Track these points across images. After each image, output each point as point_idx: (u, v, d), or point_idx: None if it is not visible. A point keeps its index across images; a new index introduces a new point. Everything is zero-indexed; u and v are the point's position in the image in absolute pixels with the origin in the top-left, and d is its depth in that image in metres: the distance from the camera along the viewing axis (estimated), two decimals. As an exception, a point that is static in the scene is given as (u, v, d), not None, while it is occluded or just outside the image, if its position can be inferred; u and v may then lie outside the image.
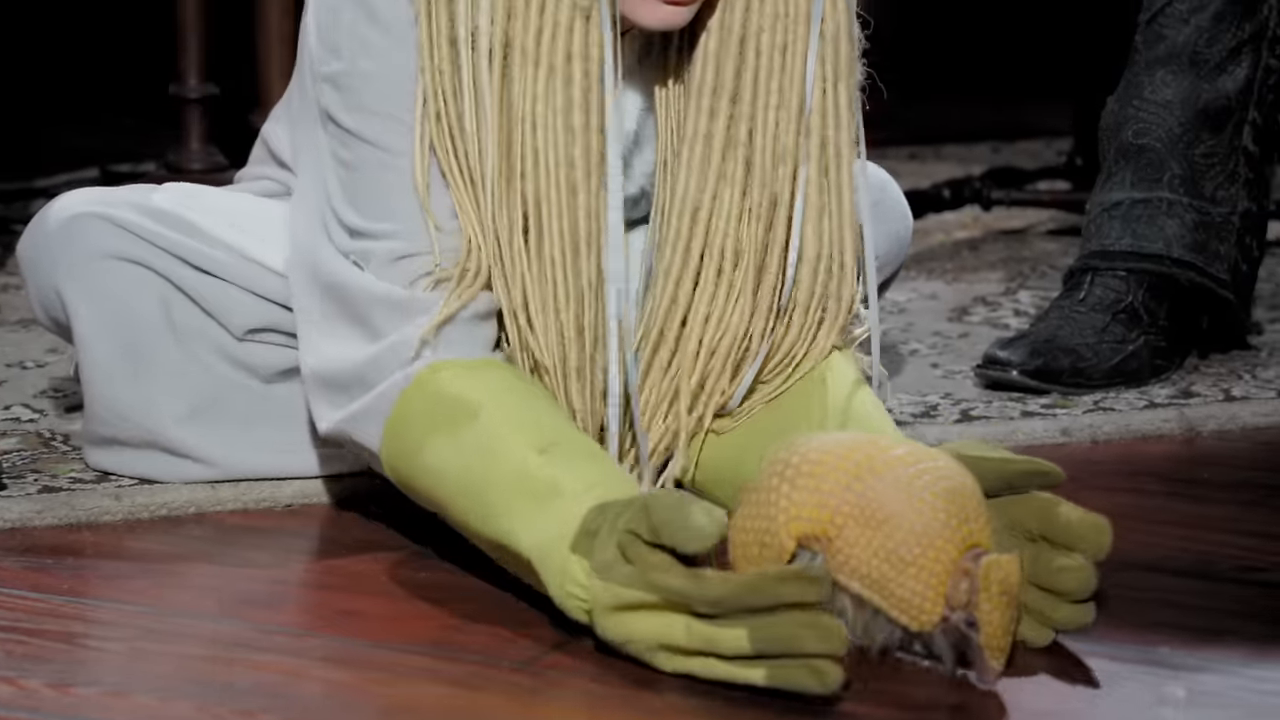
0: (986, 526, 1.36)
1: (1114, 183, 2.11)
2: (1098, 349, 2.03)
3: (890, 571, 1.33)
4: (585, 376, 1.55)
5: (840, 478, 1.35)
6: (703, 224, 1.56)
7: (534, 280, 1.53)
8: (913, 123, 3.43)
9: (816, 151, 1.57)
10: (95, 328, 1.67)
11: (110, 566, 1.59)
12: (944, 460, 1.38)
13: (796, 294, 1.58)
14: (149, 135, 3.03)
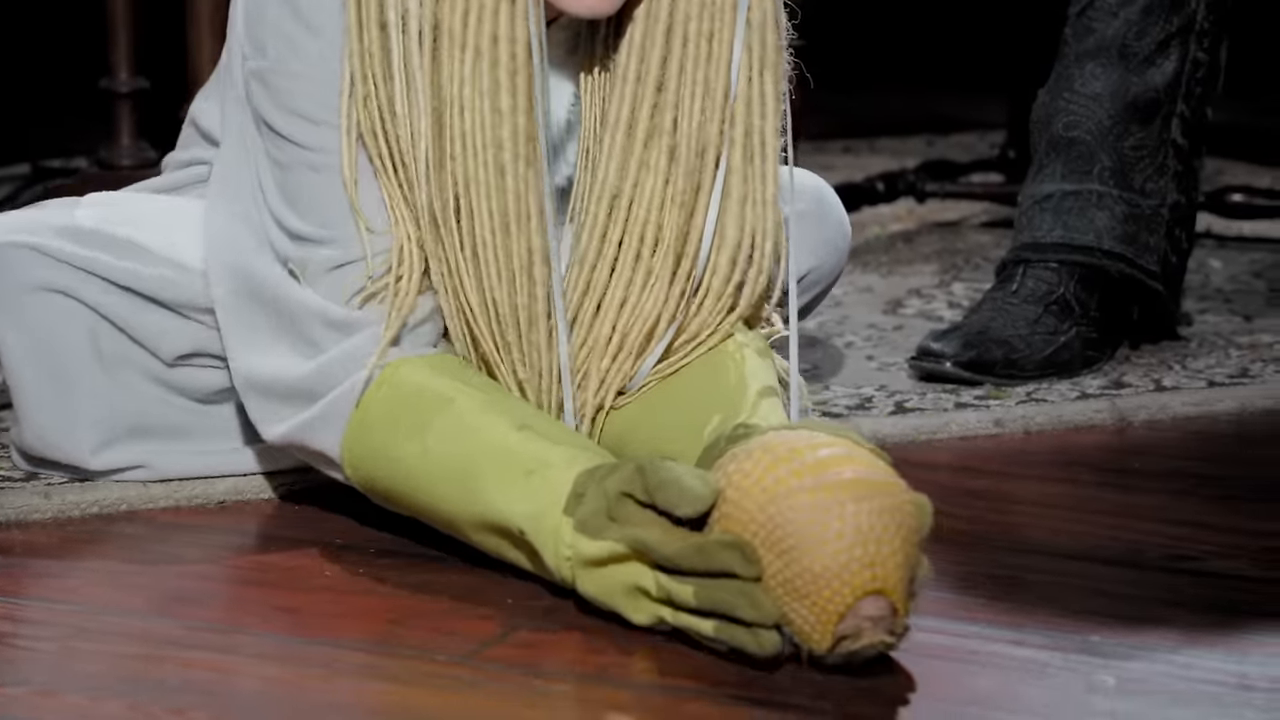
0: (895, 566, 1.35)
1: (1045, 175, 2.12)
2: (1030, 340, 2.04)
3: (787, 598, 1.36)
4: (523, 354, 1.56)
5: (759, 497, 1.37)
6: (622, 210, 1.57)
7: (468, 260, 1.54)
8: (847, 115, 3.44)
9: (740, 139, 1.58)
10: (23, 358, 1.66)
11: (40, 565, 1.57)
12: (878, 477, 1.37)
13: (712, 280, 1.59)
14: (80, 130, 3.00)
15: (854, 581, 1.34)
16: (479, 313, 1.55)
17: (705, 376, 1.59)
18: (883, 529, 1.35)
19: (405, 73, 1.53)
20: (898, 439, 1.88)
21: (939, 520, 1.40)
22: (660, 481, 1.39)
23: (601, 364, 1.59)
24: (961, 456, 1.85)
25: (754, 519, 1.37)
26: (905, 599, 1.36)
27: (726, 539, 1.36)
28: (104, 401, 1.68)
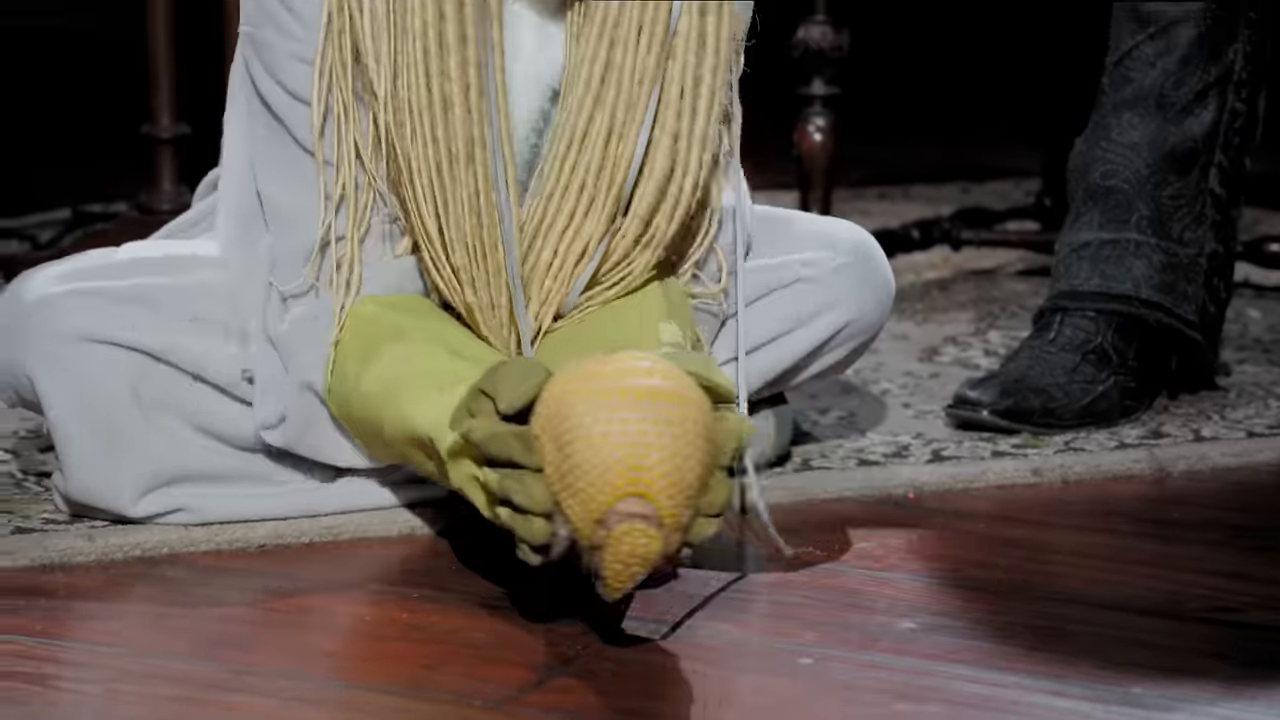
0: (661, 474, 1.41)
1: (1082, 223, 2.13)
2: (1068, 389, 2.05)
3: (562, 491, 1.44)
4: (472, 279, 1.64)
5: (555, 392, 1.45)
6: (576, 144, 1.65)
7: (424, 187, 1.63)
8: (882, 163, 3.45)
9: (677, 75, 1.67)
10: (65, 410, 1.68)
11: (84, 607, 1.58)
12: (680, 393, 1.43)
13: (637, 207, 1.67)
14: (120, 175, 3.02)
15: (615, 481, 1.40)
16: (434, 238, 1.64)
17: (613, 324, 1.66)
18: (656, 436, 1.41)
19: (372, 4, 1.62)
20: (935, 487, 1.88)
21: (977, 570, 1.40)
22: (496, 378, 1.48)
23: (543, 285, 1.67)
24: (999, 505, 1.85)
25: (543, 413, 1.45)
26: (675, 509, 1.41)
27: (515, 429, 1.45)
28: (146, 452, 1.69)
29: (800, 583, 1.64)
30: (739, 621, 1.56)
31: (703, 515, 1.47)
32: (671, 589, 1.60)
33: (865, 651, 1.51)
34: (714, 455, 1.46)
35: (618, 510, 1.41)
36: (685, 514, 1.43)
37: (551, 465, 1.44)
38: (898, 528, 1.78)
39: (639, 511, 1.41)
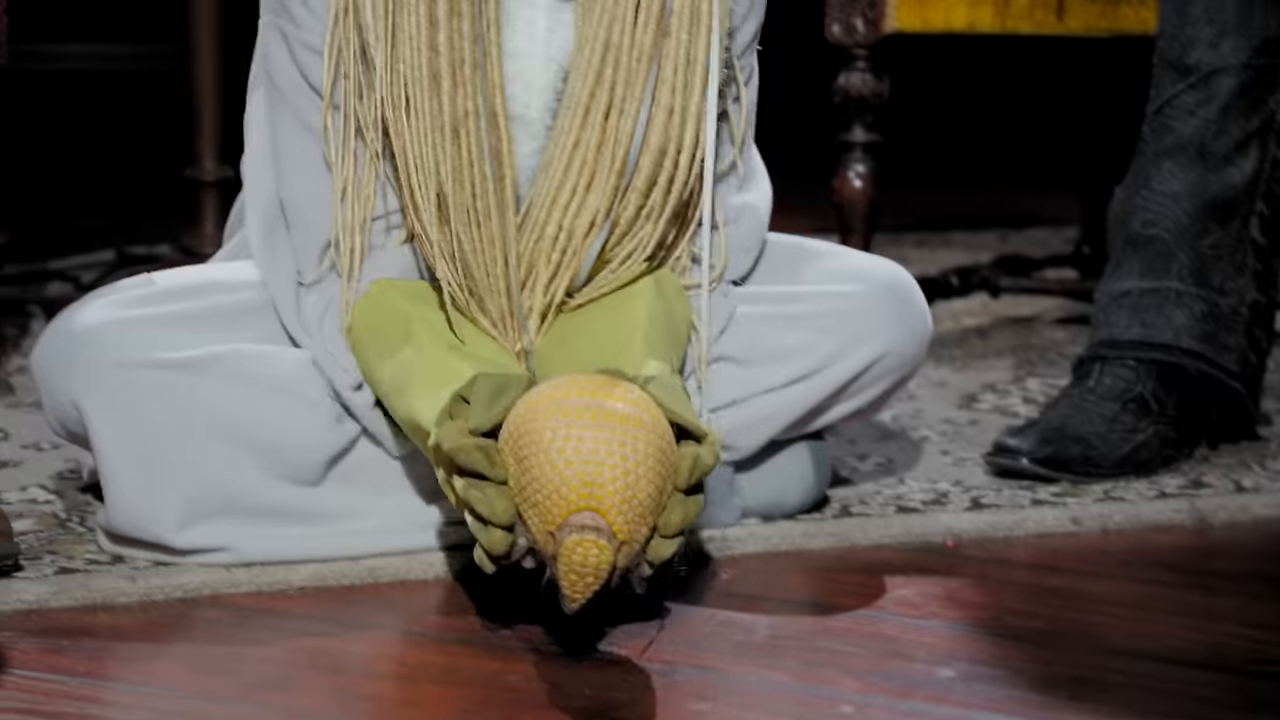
0: (614, 491, 1.47)
1: (1122, 272, 2.13)
2: (1108, 438, 2.04)
3: (522, 504, 1.50)
4: (476, 251, 1.69)
5: (521, 409, 1.51)
6: (579, 121, 1.70)
7: (418, 158, 1.68)
8: (921, 210, 3.45)
9: (673, 51, 1.71)
10: (112, 437, 1.69)
11: (126, 648, 1.59)
12: (640, 416, 1.49)
13: (637, 180, 1.72)
14: (163, 217, 3.05)
15: (570, 496, 1.46)
16: (424, 211, 1.68)
17: (608, 321, 1.71)
18: (607, 455, 1.47)
19: None
20: (974, 535, 1.88)
21: (1017, 619, 1.40)
22: (474, 390, 1.56)
23: (549, 258, 1.71)
24: (1039, 554, 1.84)
25: (509, 429, 1.52)
26: (627, 524, 1.46)
27: (480, 442, 1.52)
28: (191, 479, 1.70)
29: (840, 629, 1.64)
30: (779, 668, 1.56)
31: (661, 536, 1.53)
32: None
33: (905, 700, 1.50)
34: (669, 477, 1.51)
35: (570, 523, 1.47)
36: (639, 530, 1.49)
37: (513, 478, 1.51)
38: (937, 575, 1.78)
39: (591, 524, 1.47)
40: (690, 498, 1.54)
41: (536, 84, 1.73)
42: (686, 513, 1.53)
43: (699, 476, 1.54)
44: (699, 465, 1.54)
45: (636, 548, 1.49)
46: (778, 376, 1.81)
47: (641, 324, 1.71)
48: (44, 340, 1.74)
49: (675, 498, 1.53)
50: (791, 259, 1.87)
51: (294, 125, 1.74)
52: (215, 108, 2.61)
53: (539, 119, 1.74)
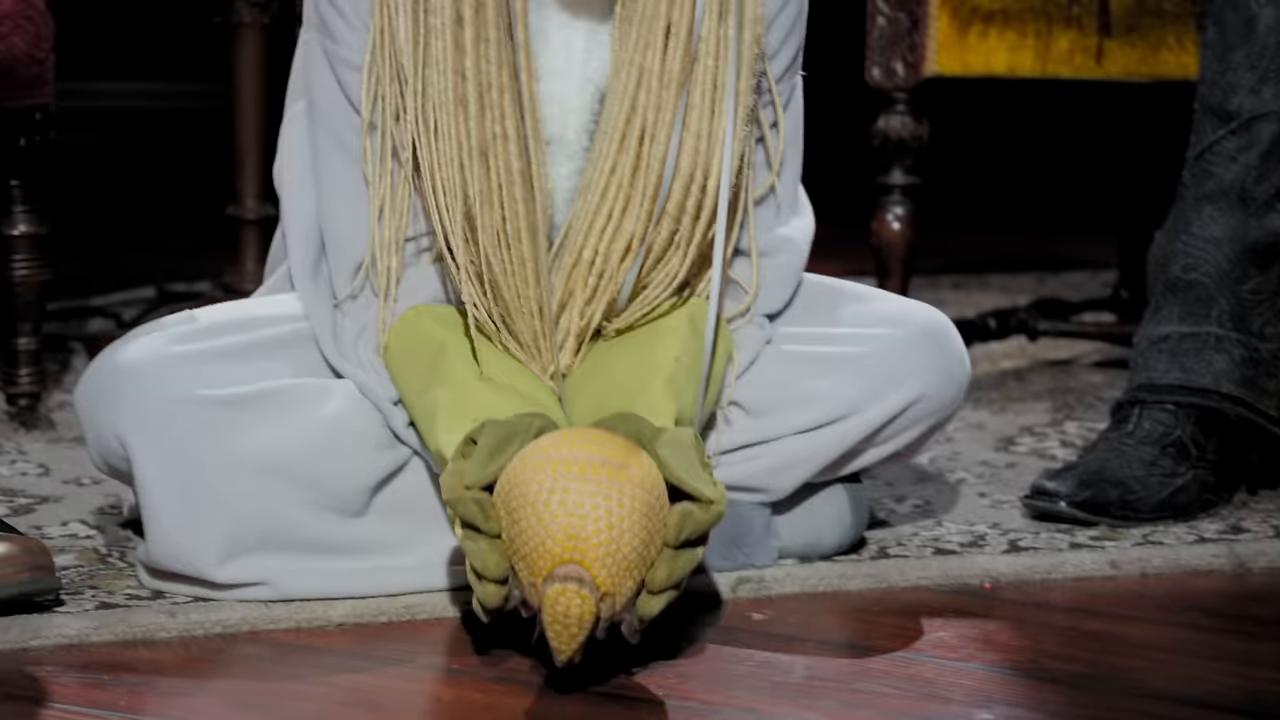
0: (598, 544, 1.49)
1: (1162, 316, 2.12)
2: (1146, 482, 2.04)
3: (512, 555, 1.53)
4: (505, 269, 1.70)
5: (516, 463, 1.54)
6: (614, 147, 1.72)
7: (441, 179, 1.70)
8: (959, 252, 3.45)
9: (700, 77, 1.72)
10: (156, 472, 1.70)
11: (166, 684, 1.60)
12: (632, 472, 1.52)
13: (669, 205, 1.74)
14: (204, 254, 3.07)
15: (554, 549, 1.50)
16: (451, 234, 1.70)
17: (633, 360, 1.72)
18: (592, 508, 1.49)
19: (412, 13, 1.69)
20: (1012, 578, 1.87)
21: (1055, 662, 1.39)
22: (480, 441, 1.58)
23: (586, 282, 1.72)
24: (1077, 597, 1.84)
25: (503, 482, 1.55)
26: (611, 578, 1.49)
27: (476, 496, 1.55)
28: (234, 513, 1.70)
29: (877, 671, 1.64)
30: (816, 709, 1.56)
31: (650, 592, 1.54)
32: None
33: (943, 742, 1.50)
34: (656, 531, 1.53)
35: (554, 575, 1.50)
36: (624, 583, 1.51)
37: (505, 531, 1.54)
38: (974, 617, 1.78)
39: (574, 575, 1.49)
40: (681, 553, 1.55)
41: (573, 104, 1.75)
42: (673, 569, 1.54)
43: (690, 533, 1.55)
44: (690, 521, 1.55)
45: (621, 600, 1.51)
46: (813, 418, 1.81)
47: (665, 367, 1.71)
48: (88, 376, 1.76)
49: (664, 554, 1.54)
50: (829, 301, 1.87)
51: (332, 144, 1.75)
52: (257, 146, 2.63)
53: (576, 140, 1.76)
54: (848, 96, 2.79)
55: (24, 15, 2.19)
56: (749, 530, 1.84)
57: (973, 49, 2.40)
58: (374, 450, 1.74)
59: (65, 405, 2.36)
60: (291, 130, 1.81)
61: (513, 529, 1.52)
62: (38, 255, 2.28)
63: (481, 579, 1.55)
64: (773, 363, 1.82)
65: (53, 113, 2.26)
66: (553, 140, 1.76)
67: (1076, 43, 2.39)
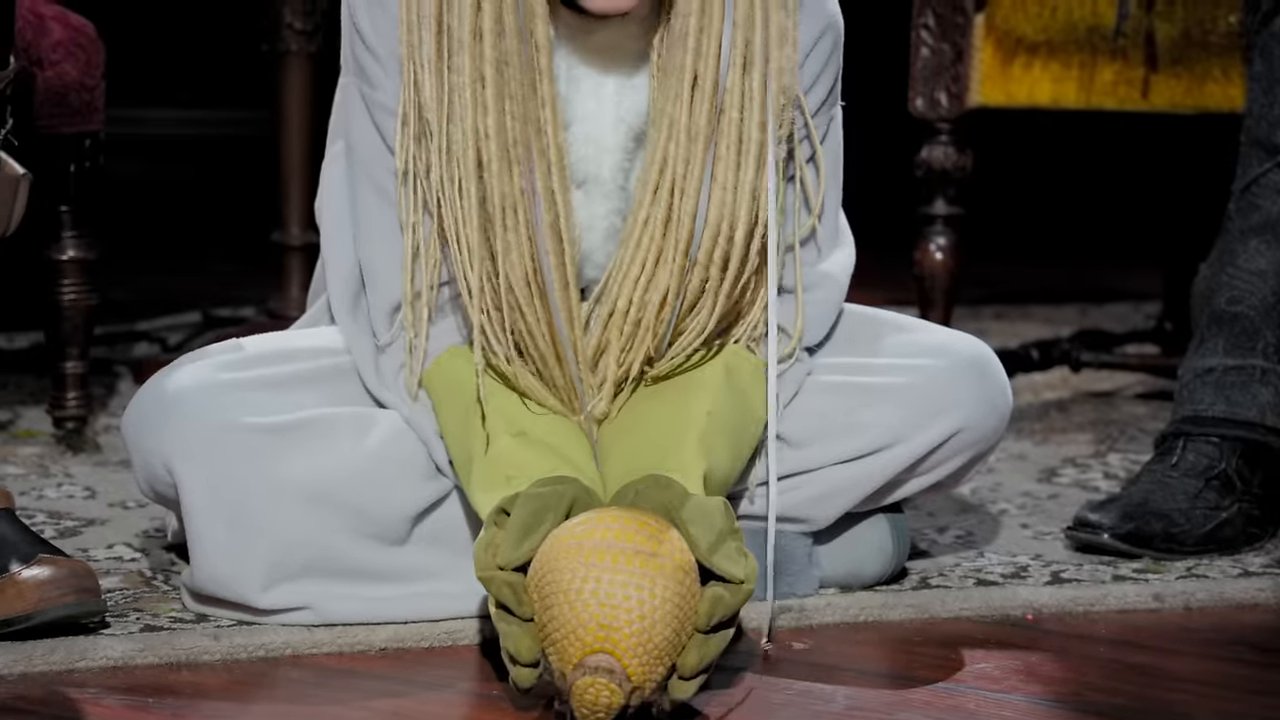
0: (630, 634, 1.49)
1: (1207, 349, 2.12)
2: (1191, 515, 2.03)
3: (544, 641, 1.54)
4: (536, 318, 1.70)
5: (547, 548, 1.55)
6: (649, 198, 1.71)
7: (464, 237, 1.70)
8: (1000, 283, 3.45)
9: (726, 128, 1.70)
10: (202, 499, 1.71)
11: (209, 706, 1.60)
12: (662, 561, 1.52)
13: (701, 256, 1.73)
14: (249, 280, 3.09)
15: (586, 638, 1.50)
16: (472, 291, 1.69)
17: (666, 415, 1.71)
18: (624, 599, 1.50)
19: (436, 70, 1.69)
20: (1054, 609, 1.87)
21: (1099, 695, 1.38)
22: (510, 518, 1.59)
23: (622, 331, 1.72)
24: (1120, 630, 1.83)
25: (535, 566, 1.55)
26: (642, 668, 1.49)
27: (508, 579, 1.56)
28: (279, 540, 1.71)
29: (919, 702, 1.64)
30: (857, 740, 1.56)
31: (680, 678, 1.54)
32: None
33: (985, 774, 1.49)
34: (688, 618, 1.53)
35: (585, 664, 1.50)
36: (654, 671, 1.51)
37: (537, 615, 1.54)
38: (1017, 649, 1.77)
39: (605, 666, 1.50)
40: (711, 637, 1.55)
41: (607, 144, 1.75)
42: (704, 654, 1.54)
43: (721, 617, 1.56)
44: (721, 606, 1.55)
45: (651, 688, 1.52)
46: (854, 448, 1.81)
47: (698, 422, 1.70)
48: (135, 403, 1.77)
49: (695, 639, 1.55)
50: (871, 331, 1.87)
51: (369, 188, 1.76)
52: (303, 173, 2.64)
53: (611, 179, 1.76)
54: (891, 126, 2.79)
55: (75, 43, 2.21)
56: (790, 560, 1.83)
57: (1016, 80, 2.40)
58: (417, 480, 1.74)
59: (111, 429, 2.38)
60: (332, 170, 1.82)
61: (545, 614, 1.53)
62: (86, 280, 2.30)
63: (515, 662, 1.55)
64: (814, 394, 1.82)
65: (102, 139, 2.28)
66: (588, 180, 1.76)
67: (1121, 74, 2.39)
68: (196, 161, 3.95)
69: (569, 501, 1.60)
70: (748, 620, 1.76)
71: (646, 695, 1.52)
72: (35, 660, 1.66)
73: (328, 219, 1.82)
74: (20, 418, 2.44)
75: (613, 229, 1.77)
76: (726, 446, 1.71)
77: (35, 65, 2.18)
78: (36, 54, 2.18)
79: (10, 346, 2.78)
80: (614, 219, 1.76)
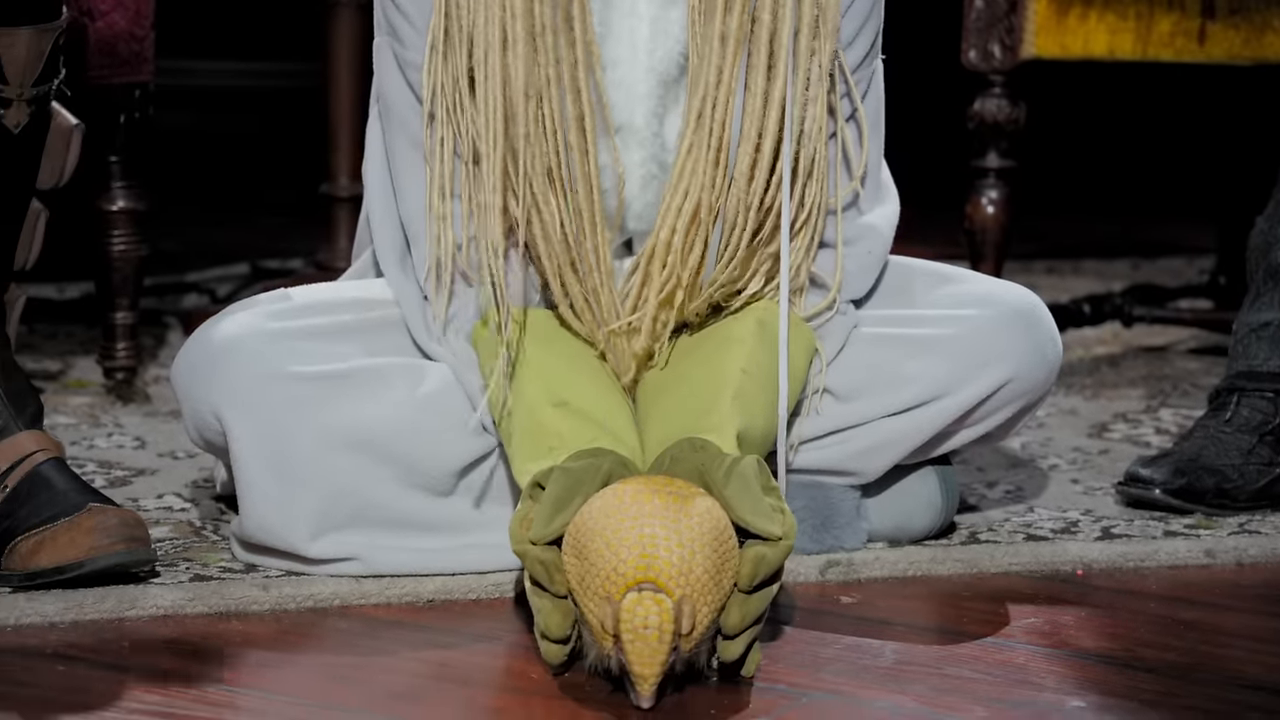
0: (674, 564, 1.48)
1: (1262, 303, 2.10)
2: (1244, 470, 2.01)
3: (584, 598, 1.52)
4: (549, 228, 1.70)
5: (579, 515, 1.54)
6: (691, 125, 1.71)
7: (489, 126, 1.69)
8: (1051, 237, 3.42)
9: (759, 34, 1.70)
10: (250, 446, 1.71)
11: (258, 655, 1.61)
12: (685, 498, 1.52)
13: (735, 168, 1.72)
14: (297, 232, 3.09)
15: (627, 572, 1.49)
16: (536, 231, 1.68)
17: (701, 374, 1.70)
18: (665, 534, 1.49)
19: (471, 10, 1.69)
20: (1104, 565, 1.86)
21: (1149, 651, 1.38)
22: (544, 491, 1.59)
23: (665, 263, 1.71)
24: (1171, 586, 1.82)
25: (570, 527, 1.55)
26: (682, 590, 1.48)
27: (541, 555, 1.55)
28: (327, 489, 1.72)
29: (968, 656, 1.63)
30: (906, 693, 1.55)
31: (725, 637, 1.53)
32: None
33: (1034, 729, 1.49)
34: (727, 563, 1.52)
35: (633, 606, 1.48)
36: (699, 603, 1.49)
37: (574, 576, 1.53)
38: (1066, 604, 1.76)
39: (649, 590, 1.48)
40: (752, 596, 1.54)
41: (639, 92, 1.74)
42: (746, 611, 1.54)
43: (764, 575, 1.55)
44: (764, 565, 1.54)
45: (701, 624, 1.50)
46: (903, 400, 1.80)
47: (732, 380, 1.69)
48: (185, 352, 1.77)
49: (735, 598, 1.53)
50: (918, 283, 1.86)
51: (406, 144, 1.75)
52: (351, 125, 2.64)
53: (645, 126, 1.75)
54: (944, 79, 2.77)
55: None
56: (838, 513, 1.83)
57: (1071, 31, 2.37)
58: (464, 435, 1.74)
59: (161, 379, 2.39)
60: (375, 127, 1.82)
61: (581, 566, 1.52)
62: (136, 231, 2.31)
63: (545, 638, 1.55)
64: (861, 346, 1.81)
65: (152, 90, 2.28)
66: (623, 128, 1.75)
67: (1178, 25, 2.36)
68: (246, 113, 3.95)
69: (604, 475, 1.60)
70: (795, 575, 1.76)
71: (696, 625, 1.50)
72: (86, 608, 1.67)
73: (372, 173, 1.82)
74: (71, 368, 2.45)
75: (649, 176, 1.76)
76: (763, 403, 1.70)
77: (85, 16, 2.18)
78: (87, 5, 2.19)
79: (61, 297, 2.79)
80: (650, 166, 1.75)
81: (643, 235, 1.76)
